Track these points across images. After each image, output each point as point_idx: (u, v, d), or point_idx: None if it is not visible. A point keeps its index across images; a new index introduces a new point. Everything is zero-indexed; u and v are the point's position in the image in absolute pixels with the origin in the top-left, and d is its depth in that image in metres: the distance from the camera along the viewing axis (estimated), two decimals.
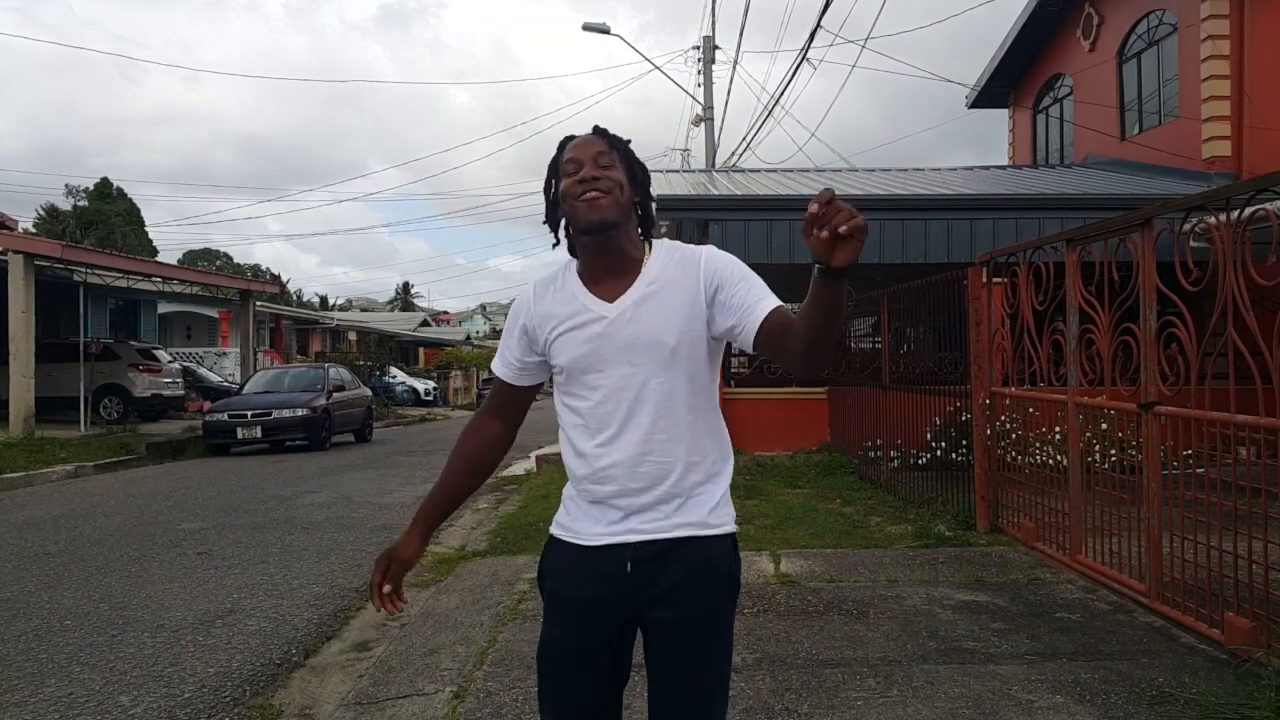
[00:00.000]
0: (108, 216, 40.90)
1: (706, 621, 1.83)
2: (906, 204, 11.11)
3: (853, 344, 11.03)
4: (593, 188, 1.79)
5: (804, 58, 15.35)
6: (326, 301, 65.73)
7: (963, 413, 7.17)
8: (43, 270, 15.94)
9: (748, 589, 1.94)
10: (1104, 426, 5.73)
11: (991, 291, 6.60)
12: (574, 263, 1.92)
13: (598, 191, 1.79)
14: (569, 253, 1.93)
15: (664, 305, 1.81)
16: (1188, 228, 4.32)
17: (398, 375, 35.58)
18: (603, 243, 1.83)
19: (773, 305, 1.76)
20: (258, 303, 24.41)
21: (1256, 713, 3.20)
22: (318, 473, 12.25)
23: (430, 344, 50.32)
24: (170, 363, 19.89)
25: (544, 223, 1.92)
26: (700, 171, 17.38)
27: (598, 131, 1.89)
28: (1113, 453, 5.35)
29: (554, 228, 1.91)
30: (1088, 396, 5.39)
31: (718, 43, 20.40)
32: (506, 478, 11.68)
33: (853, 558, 5.87)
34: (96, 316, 21.66)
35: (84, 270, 17.44)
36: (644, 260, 1.86)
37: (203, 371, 23.71)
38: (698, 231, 11.83)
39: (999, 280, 6.63)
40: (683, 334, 1.81)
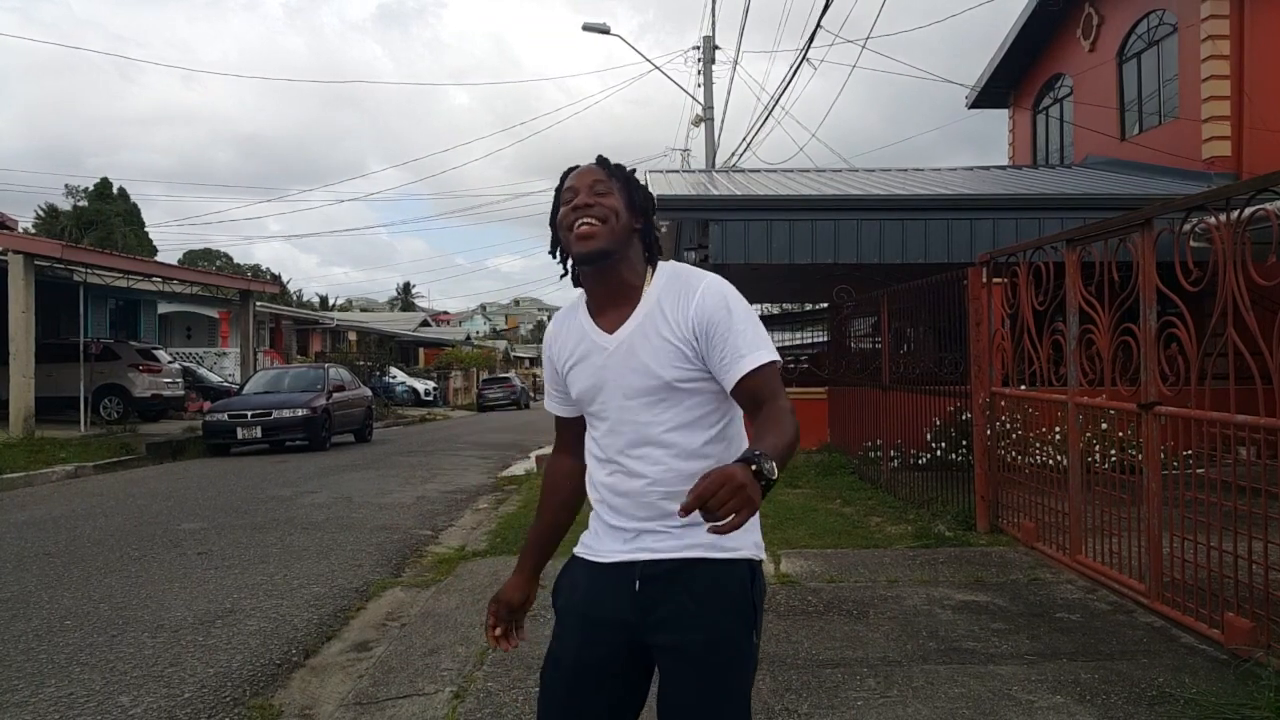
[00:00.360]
0: (107, 216, 40.90)
1: (715, 650, 1.73)
2: (906, 204, 11.11)
3: (853, 344, 11.03)
4: (586, 215, 1.77)
5: (804, 58, 15.36)
6: (327, 301, 65.73)
7: (963, 413, 7.17)
8: (43, 270, 15.94)
9: None
10: (1104, 426, 5.73)
11: (991, 291, 6.60)
12: (584, 294, 1.92)
13: (592, 220, 1.77)
14: (572, 284, 1.93)
15: (658, 336, 1.77)
16: (1188, 228, 4.32)
17: (398, 375, 35.60)
18: (600, 272, 1.81)
19: (750, 366, 1.69)
20: (258, 303, 24.41)
21: (1256, 713, 3.20)
22: (318, 473, 12.25)
23: (430, 344, 50.32)
24: (170, 363, 19.89)
25: (550, 253, 1.90)
26: (700, 171, 17.39)
27: (599, 162, 1.89)
28: (1113, 453, 5.35)
29: (561, 259, 1.89)
30: (1088, 396, 5.39)
31: (718, 43, 20.41)
32: (506, 478, 11.68)
33: (853, 558, 5.88)
34: (96, 316, 21.66)
35: (84, 270, 17.44)
36: (644, 287, 1.83)
37: (203, 371, 23.70)
38: (698, 231, 11.83)
39: (999, 280, 6.63)
40: (678, 367, 1.76)
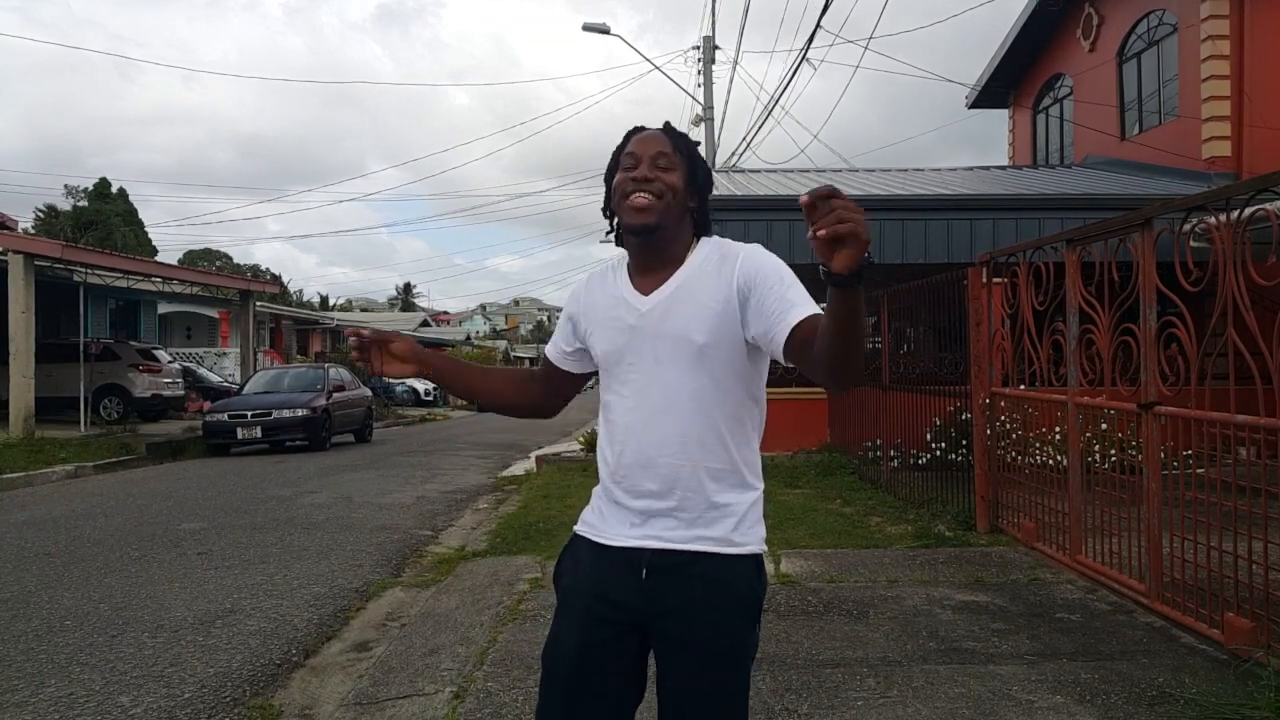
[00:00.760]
0: (107, 216, 40.90)
1: (721, 643, 1.74)
2: (906, 204, 11.12)
3: None
4: (644, 188, 1.75)
5: (804, 58, 15.36)
6: (327, 302, 65.75)
7: (963, 413, 7.17)
8: (43, 270, 15.94)
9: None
10: (1104, 426, 5.73)
11: (991, 291, 6.59)
12: (624, 255, 1.91)
13: (649, 195, 1.75)
14: (615, 243, 1.91)
15: (695, 301, 1.75)
16: (1188, 228, 4.32)
17: None
18: (647, 242, 1.81)
19: (805, 314, 1.63)
20: (258, 303, 24.42)
21: (1256, 713, 3.20)
22: (318, 473, 12.24)
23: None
24: (170, 363, 19.89)
25: (602, 209, 1.90)
26: None
27: (666, 130, 1.84)
28: (1113, 453, 5.35)
29: (609, 218, 1.89)
30: (1088, 396, 5.39)
31: (718, 43, 20.41)
32: (506, 478, 11.68)
33: (853, 558, 5.87)
34: (96, 317, 21.66)
35: (84, 270, 17.44)
36: (688, 257, 1.82)
37: (203, 372, 23.70)
38: None
39: (999, 280, 6.63)
40: (713, 332, 1.73)
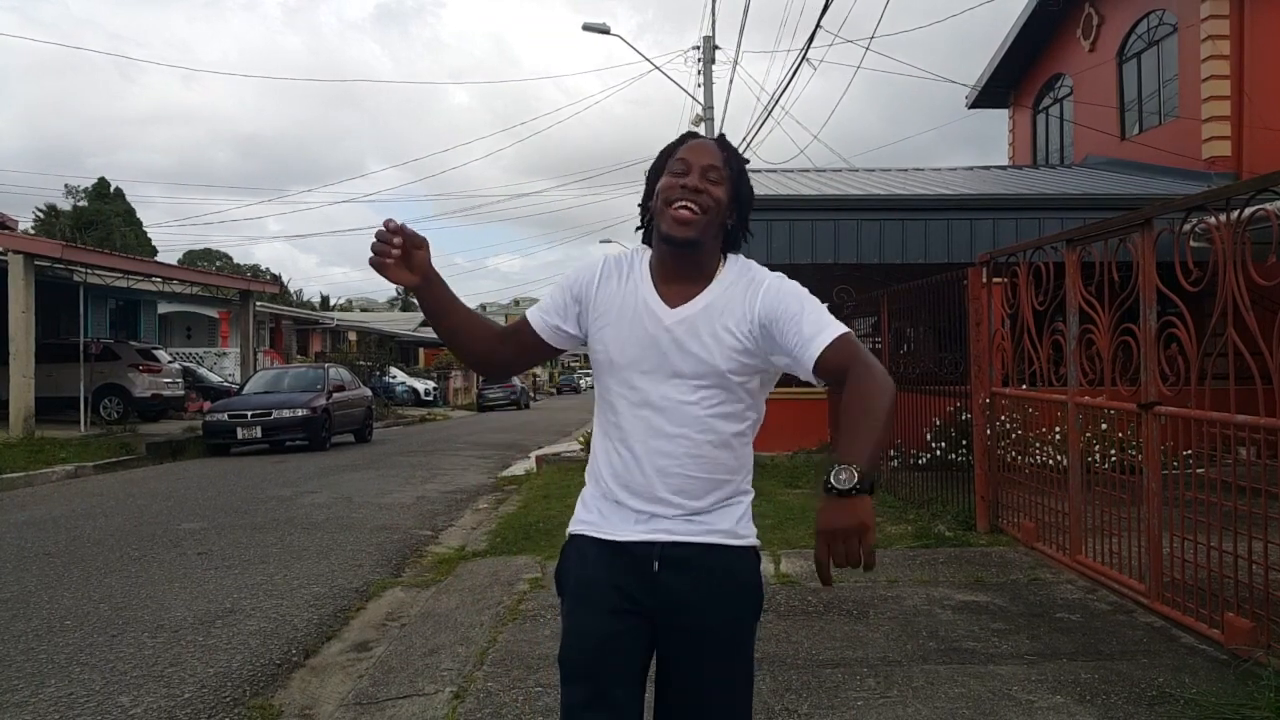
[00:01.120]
0: (107, 216, 40.91)
1: (728, 634, 1.78)
2: (906, 204, 11.11)
3: None
4: (691, 199, 1.73)
5: (804, 58, 15.35)
6: (328, 302, 65.75)
7: (963, 413, 7.17)
8: (43, 270, 15.94)
9: None
10: (1104, 426, 5.73)
11: (991, 291, 6.59)
12: (648, 253, 1.86)
13: (695, 208, 1.73)
14: (643, 240, 1.89)
15: (720, 325, 1.76)
16: (1188, 228, 4.32)
17: (398, 375, 35.58)
18: (680, 254, 1.78)
19: (825, 343, 1.67)
20: (258, 303, 24.42)
21: (1256, 713, 3.20)
22: (318, 473, 12.24)
23: (430, 344, 50.24)
24: (170, 363, 19.89)
25: (640, 204, 1.88)
26: None
27: (720, 142, 1.82)
28: (1113, 453, 5.35)
29: (644, 216, 1.86)
30: (1088, 396, 5.39)
31: (718, 43, 20.40)
32: (506, 478, 11.69)
33: None
34: (96, 316, 21.66)
35: (84, 270, 17.44)
36: (716, 274, 1.81)
37: (203, 371, 23.69)
38: None
39: (999, 280, 6.63)
40: (734, 360, 1.76)
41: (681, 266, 1.79)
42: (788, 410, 11.24)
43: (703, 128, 20.14)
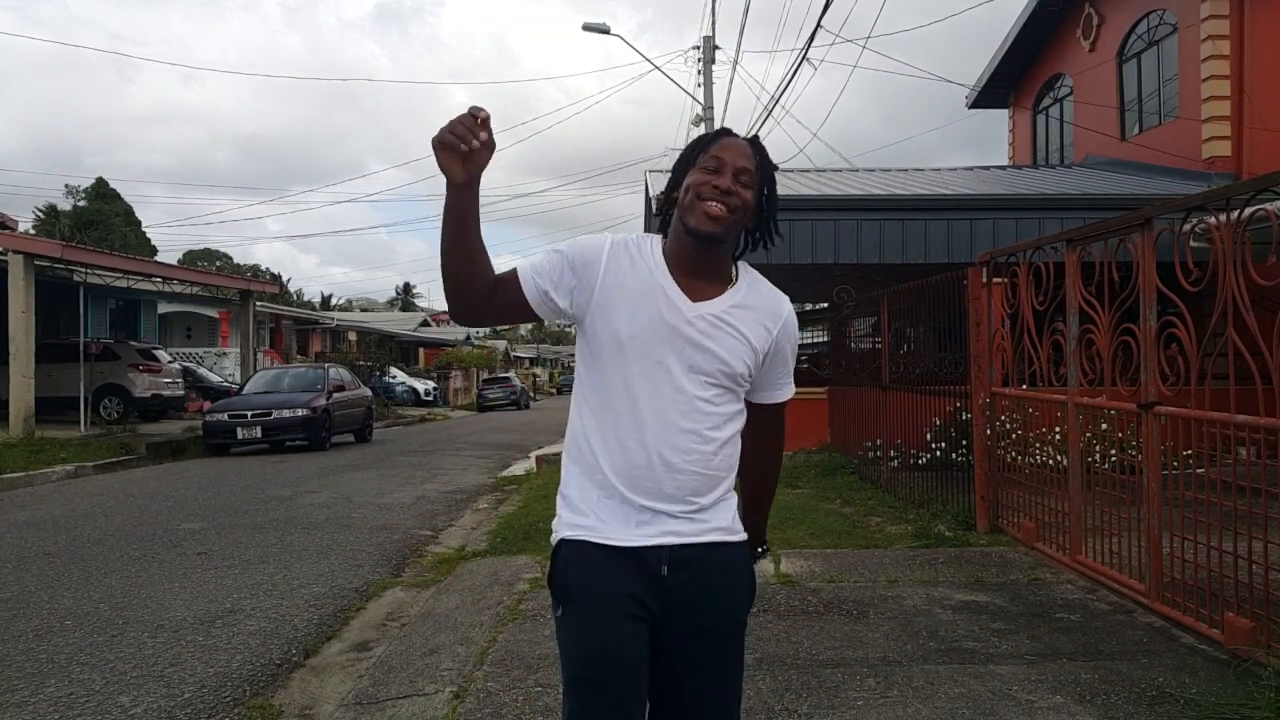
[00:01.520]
0: (107, 216, 40.91)
1: (733, 625, 1.81)
2: (906, 204, 11.11)
3: (853, 344, 11.03)
4: (724, 200, 1.74)
5: (804, 58, 15.35)
6: (328, 301, 65.75)
7: (963, 413, 7.17)
8: (43, 270, 15.94)
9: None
10: (1104, 426, 5.73)
11: (991, 291, 6.60)
12: (658, 240, 1.84)
13: (725, 208, 1.74)
14: (658, 228, 1.88)
15: (740, 332, 1.79)
16: (1188, 228, 4.32)
17: (398, 375, 35.59)
18: (703, 249, 1.78)
19: (788, 396, 1.95)
20: (258, 303, 24.41)
21: (1256, 713, 3.20)
22: (318, 473, 12.24)
23: (430, 344, 50.30)
24: (170, 363, 19.89)
25: (661, 194, 1.91)
26: None
27: (755, 145, 1.83)
28: (1113, 453, 5.35)
29: (666, 204, 1.86)
30: (1088, 396, 5.39)
31: (718, 42, 20.40)
32: (506, 478, 11.69)
33: (853, 558, 5.87)
34: (96, 316, 21.66)
35: (84, 270, 17.44)
36: (732, 277, 1.83)
37: (203, 371, 23.70)
38: None
39: (999, 280, 6.63)
40: (748, 365, 1.81)
41: (701, 262, 1.80)
42: (788, 410, 11.25)
43: (703, 128, 20.15)
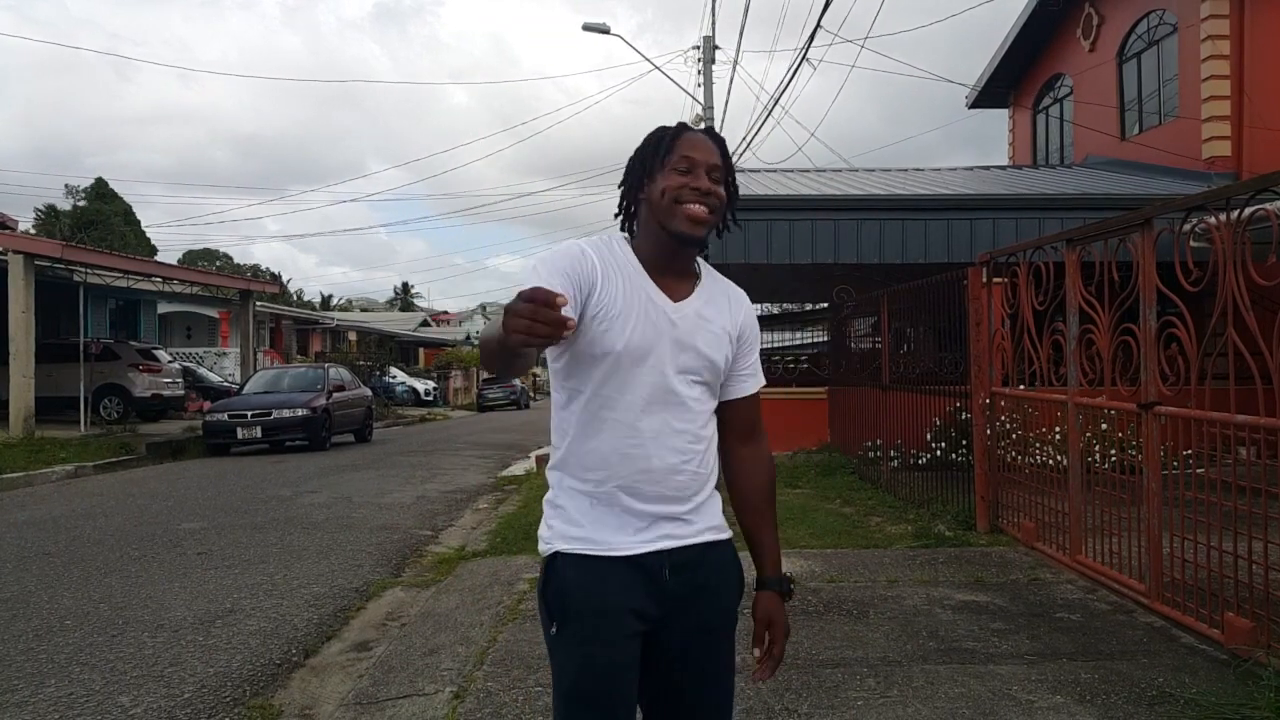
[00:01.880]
0: (107, 216, 40.90)
1: (729, 622, 1.83)
2: (906, 204, 11.11)
3: (853, 344, 11.03)
4: (703, 203, 1.73)
5: (804, 58, 15.35)
6: (328, 301, 65.74)
7: (963, 413, 7.17)
8: (43, 270, 15.94)
9: (748, 589, 1.93)
10: (1104, 426, 5.73)
11: (991, 291, 6.60)
12: (621, 240, 1.81)
13: (707, 209, 1.74)
14: (622, 228, 1.85)
15: (717, 324, 1.81)
16: (1188, 228, 4.32)
17: (398, 375, 35.60)
18: (682, 251, 1.78)
19: (758, 387, 1.92)
20: (258, 303, 24.42)
21: (1256, 713, 3.20)
22: (318, 473, 12.25)
23: (430, 344, 50.32)
24: (170, 363, 19.89)
25: (626, 195, 1.82)
26: None
27: (716, 139, 1.81)
28: (1113, 453, 5.35)
29: (628, 203, 1.82)
30: (1088, 396, 5.39)
31: (717, 43, 20.40)
32: (506, 478, 11.69)
33: (853, 558, 5.88)
34: (96, 316, 21.66)
35: (84, 270, 17.44)
36: (698, 272, 1.84)
37: (203, 371, 23.70)
38: None
39: (999, 280, 6.63)
40: (725, 358, 1.82)
41: (678, 261, 1.80)
42: (788, 410, 11.26)
43: (703, 128, 20.13)
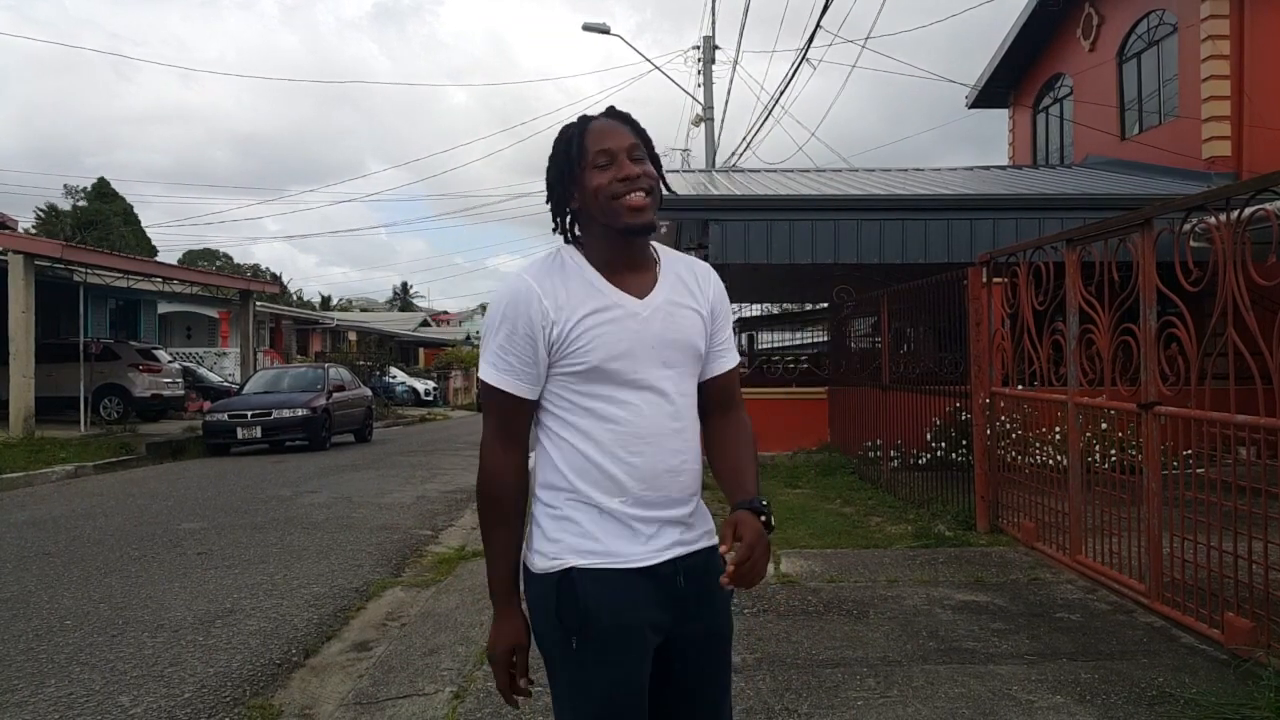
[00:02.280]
0: (107, 216, 40.90)
1: (729, 626, 1.83)
2: (906, 204, 11.11)
3: (853, 344, 11.03)
4: (638, 186, 1.66)
5: (804, 58, 15.36)
6: (328, 301, 65.74)
7: (963, 413, 7.17)
8: (43, 270, 15.94)
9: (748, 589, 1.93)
10: (1104, 426, 5.73)
11: (991, 291, 6.60)
12: (572, 251, 1.74)
13: (644, 192, 1.66)
14: (565, 239, 1.78)
15: (688, 308, 1.75)
16: (1188, 228, 4.32)
17: (398, 375, 35.59)
18: (636, 243, 1.72)
19: (735, 362, 1.85)
20: (258, 303, 24.42)
21: (1256, 713, 3.20)
22: (318, 473, 12.24)
23: (430, 344, 50.32)
24: (170, 363, 19.89)
25: (556, 213, 1.76)
26: (700, 171, 17.38)
27: (622, 118, 1.72)
28: (1113, 453, 5.35)
29: (561, 213, 1.75)
30: (1088, 396, 5.39)
31: (717, 42, 20.41)
32: None
33: (853, 558, 5.88)
34: (96, 316, 21.66)
35: (84, 270, 17.44)
36: (656, 259, 1.77)
37: (203, 371, 23.71)
38: (698, 231, 11.83)
39: (999, 280, 6.63)
40: (703, 338, 1.77)
41: (634, 255, 1.73)
42: (787, 410, 11.26)
43: (703, 128, 20.16)
